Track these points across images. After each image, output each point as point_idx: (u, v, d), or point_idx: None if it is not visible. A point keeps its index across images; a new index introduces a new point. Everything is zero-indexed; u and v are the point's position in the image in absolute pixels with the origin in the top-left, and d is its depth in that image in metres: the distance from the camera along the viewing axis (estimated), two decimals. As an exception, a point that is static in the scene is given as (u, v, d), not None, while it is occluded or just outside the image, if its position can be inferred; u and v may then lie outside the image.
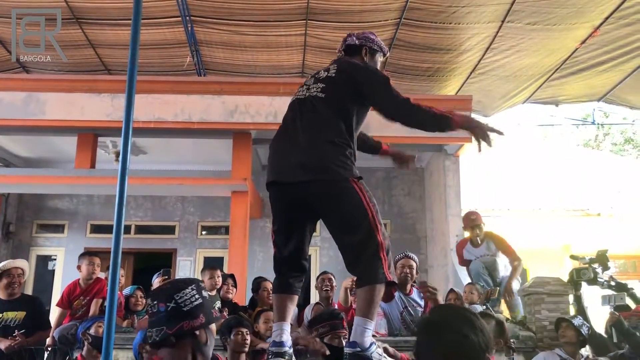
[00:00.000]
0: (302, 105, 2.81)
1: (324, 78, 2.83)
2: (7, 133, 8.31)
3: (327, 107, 2.72)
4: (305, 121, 2.73)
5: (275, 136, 2.88)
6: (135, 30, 2.97)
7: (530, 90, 9.94)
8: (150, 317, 1.91)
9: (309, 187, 2.64)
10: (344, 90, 2.77)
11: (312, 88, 2.82)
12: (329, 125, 2.68)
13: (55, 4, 7.77)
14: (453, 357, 1.55)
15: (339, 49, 3.10)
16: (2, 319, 4.59)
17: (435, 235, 9.35)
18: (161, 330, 1.84)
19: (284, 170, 2.71)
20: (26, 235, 10.15)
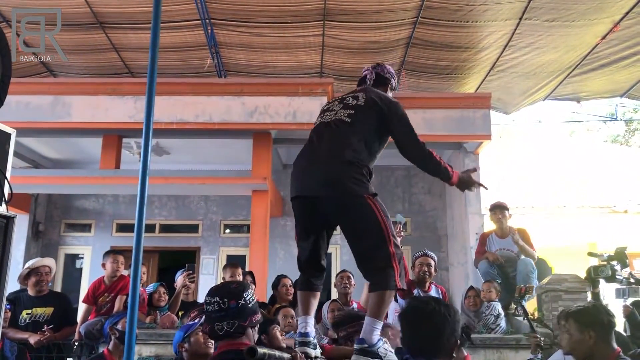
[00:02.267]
0: (327, 127, 3.03)
1: (352, 105, 3.04)
2: (35, 135, 8.56)
3: (352, 132, 2.95)
4: (329, 142, 2.96)
5: (299, 155, 3.10)
6: (155, 33, 3.10)
7: (551, 87, 9.86)
8: (217, 312, 2.26)
9: (328, 201, 2.88)
10: (371, 120, 3.00)
11: (340, 113, 3.04)
12: (350, 148, 2.89)
13: (79, 9, 8.00)
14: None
15: (369, 78, 3.33)
16: (31, 314, 4.77)
17: (456, 233, 9.35)
18: (234, 324, 2.24)
19: (306, 186, 2.95)
20: (55, 235, 10.44)
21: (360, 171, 2.86)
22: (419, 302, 2.33)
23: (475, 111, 8.39)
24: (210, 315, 2.30)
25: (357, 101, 3.05)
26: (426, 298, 2.35)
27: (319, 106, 7.85)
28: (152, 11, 3.12)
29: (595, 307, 2.99)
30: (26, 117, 7.72)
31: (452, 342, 2.20)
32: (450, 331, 2.20)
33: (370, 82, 3.32)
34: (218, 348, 2.33)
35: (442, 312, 2.20)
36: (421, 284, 4.95)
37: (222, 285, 2.50)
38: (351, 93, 3.18)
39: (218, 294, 2.32)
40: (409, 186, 10.22)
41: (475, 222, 8.47)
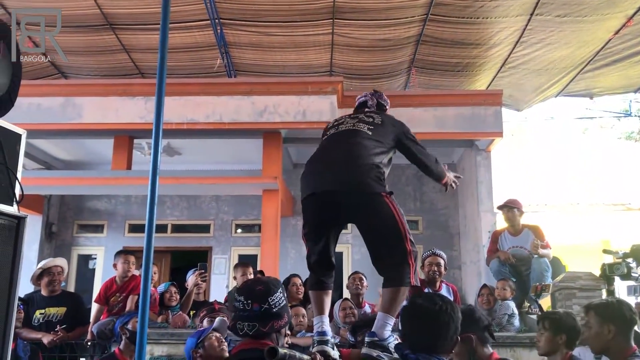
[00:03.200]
0: (345, 134, 3.18)
1: (370, 122, 3.22)
2: (46, 137, 8.61)
3: (373, 142, 3.09)
4: (347, 145, 3.08)
5: (312, 159, 3.19)
6: (164, 34, 3.10)
7: (563, 83, 9.77)
8: (241, 312, 2.26)
9: (346, 197, 2.94)
10: (390, 135, 3.20)
11: (357, 125, 3.20)
12: (370, 153, 3.02)
13: (89, 10, 8.04)
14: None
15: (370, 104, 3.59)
16: (45, 314, 4.80)
17: (468, 232, 9.29)
18: (254, 326, 2.24)
19: (325, 182, 3.01)
20: (68, 235, 10.50)
21: (378, 172, 2.96)
22: (422, 299, 2.32)
23: (486, 108, 8.33)
24: (236, 312, 2.32)
25: (373, 119, 3.23)
26: (430, 295, 2.37)
27: (329, 105, 7.88)
28: (161, 12, 3.12)
29: (619, 302, 3.04)
30: (37, 118, 7.78)
31: (454, 339, 2.23)
32: (453, 329, 2.22)
33: (372, 107, 3.54)
34: (240, 345, 2.33)
35: (444, 309, 2.21)
36: (431, 284, 4.92)
37: (250, 284, 2.45)
38: (361, 113, 3.36)
39: (244, 293, 2.32)
40: (420, 184, 10.16)
41: (488, 220, 8.41)
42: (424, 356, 2.15)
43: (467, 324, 2.72)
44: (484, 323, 2.89)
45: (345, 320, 4.75)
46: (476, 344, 2.82)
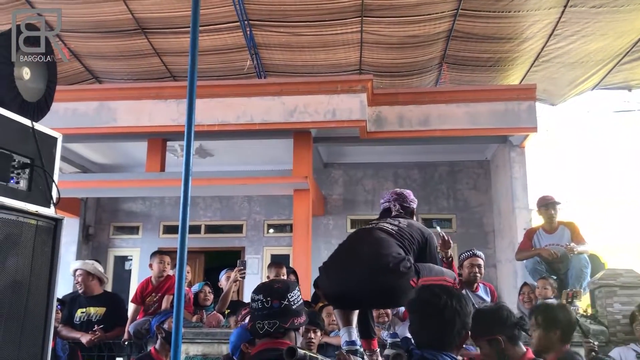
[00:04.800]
0: (368, 231, 3.13)
1: (395, 224, 3.13)
2: (82, 141, 8.80)
3: (394, 239, 2.98)
4: (371, 245, 2.96)
5: (336, 252, 3.12)
6: (195, 37, 3.12)
7: (600, 76, 9.51)
8: (260, 311, 2.25)
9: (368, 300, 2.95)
10: (414, 242, 3.06)
11: (381, 224, 3.13)
12: (393, 247, 2.91)
13: (121, 16, 8.18)
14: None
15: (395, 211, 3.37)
16: (85, 313, 4.91)
17: (503, 229, 9.14)
18: (275, 324, 2.22)
19: (346, 284, 2.91)
20: (104, 237, 10.72)
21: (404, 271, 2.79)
22: (427, 293, 2.23)
23: (520, 103, 8.18)
24: (254, 312, 2.30)
25: (399, 222, 3.14)
26: (437, 289, 2.24)
27: (359, 103, 7.85)
28: (191, 15, 3.14)
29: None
30: (73, 123, 7.95)
31: (463, 335, 2.15)
32: (460, 324, 2.13)
33: (396, 213, 3.36)
34: (258, 346, 2.30)
35: (452, 305, 2.13)
36: (470, 284, 4.81)
37: (267, 283, 2.47)
38: (388, 219, 3.24)
39: (262, 292, 2.31)
40: (453, 182, 10.04)
41: (523, 217, 8.27)
42: (429, 352, 2.09)
43: (494, 324, 2.68)
44: (512, 320, 2.75)
45: (379, 320, 4.71)
46: (505, 344, 2.69)
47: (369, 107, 8.10)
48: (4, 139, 2.30)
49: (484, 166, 10.05)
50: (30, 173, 2.43)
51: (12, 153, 2.34)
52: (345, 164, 10.24)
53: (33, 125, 2.47)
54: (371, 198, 10.03)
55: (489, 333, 2.66)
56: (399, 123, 8.30)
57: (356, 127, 7.94)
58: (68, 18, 8.22)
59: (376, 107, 8.33)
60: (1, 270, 2.20)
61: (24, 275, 2.33)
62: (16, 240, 2.29)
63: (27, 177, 2.42)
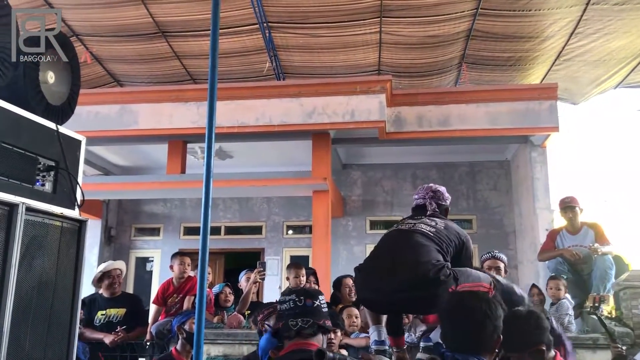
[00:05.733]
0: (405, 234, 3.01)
1: (432, 225, 3.04)
2: (104, 144, 8.91)
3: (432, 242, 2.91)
4: (408, 246, 2.89)
5: (372, 255, 3.05)
6: (215, 40, 3.14)
7: (622, 74, 9.37)
8: (292, 310, 2.29)
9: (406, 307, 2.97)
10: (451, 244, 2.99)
11: (418, 225, 3.03)
12: (431, 252, 2.84)
13: (142, 19, 8.28)
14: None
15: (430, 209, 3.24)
16: (106, 315, 4.96)
17: (524, 230, 9.04)
18: (308, 321, 2.25)
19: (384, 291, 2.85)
20: (126, 239, 10.83)
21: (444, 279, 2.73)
22: (458, 298, 2.27)
23: (541, 103, 8.09)
24: (284, 313, 2.34)
25: (436, 223, 3.06)
26: (467, 295, 2.29)
27: (378, 104, 7.83)
28: (211, 18, 3.16)
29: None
30: (95, 126, 8.06)
31: (495, 338, 2.15)
32: (492, 328, 2.13)
33: (432, 212, 3.24)
34: (287, 347, 2.31)
35: (483, 308, 2.14)
36: (491, 287, 4.75)
37: (298, 288, 2.58)
38: (423, 217, 3.16)
39: (294, 292, 2.38)
40: (473, 182, 9.96)
41: (545, 218, 8.17)
42: (462, 356, 2.09)
43: (535, 335, 2.53)
44: (546, 325, 2.63)
45: None
46: (547, 352, 2.55)
47: (388, 107, 8.08)
48: (29, 142, 2.35)
49: (504, 166, 9.96)
50: (55, 175, 2.47)
51: (38, 156, 2.39)
52: (364, 164, 10.22)
53: (58, 129, 2.51)
54: (390, 199, 10.00)
55: (531, 345, 2.51)
56: (419, 123, 8.27)
57: (375, 127, 7.93)
58: (89, 22, 8.36)
59: (395, 107, 8.31)
60: (28, 271, 2.24)
61: (49, 276, 2.37)
62: (42, 242, 2.33)
63: (52, 179, 2.46)
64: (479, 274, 2.94)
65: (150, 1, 7.94)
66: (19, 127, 2.31)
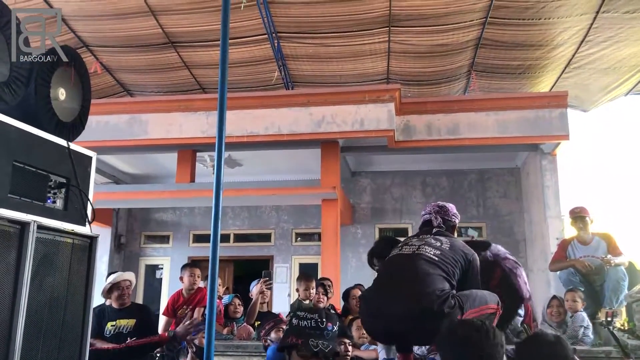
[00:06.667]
0: (408, 260, 2.90)
1: (437, 246, 2.94)
2: (114, 153, 8.97)
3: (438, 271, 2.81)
4: (412, 275, 2.80)
5: (377, 284, 2.94)
6: (224, 50, 3.15)
7: (633, 82, 9.31)
8: (314, 330, 2.39)
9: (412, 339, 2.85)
10: (456, 267, 2.89)
11: (422, 248, 2.91)
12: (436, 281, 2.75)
13: (152, 30, 8.34)
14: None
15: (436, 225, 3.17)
16: (115, 326, 4.96)
17: (535, 238, 8.98)
18: (328, 346, 2.38)
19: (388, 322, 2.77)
20: (136, 246, 10.88)
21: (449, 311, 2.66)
22: (459, 327, 2.21)
23: (551, 111, 8.05)
24: (303, 329, 2.40)
25: (441, 244, 2.95)
26: (468, 322, 2.22)
27: (387, 113, 7.83)
28: (221, 29, 3.17)
29: None
30: (106, 135, 8.13)
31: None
32: (490, 356, 2.10)
33: (438, 228, 3.17)
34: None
35: (482, 338, 2.11)
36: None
37: (317, 307, 2.60)
38: (428, 234, 3.07)
39: (317, 312, 2.45)
40: (483, 190, 9.92)
41: (555, 227, 8.11)
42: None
43: None
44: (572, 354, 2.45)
45: None
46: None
47: (397, 116, 8.07)
48: (40, 160, 2.36)
49: (514, 174, 9.92)
50: (66, 192, 2.48)
51: (49, 173, 2.40)
52: (373, 172, 10.21)
53: (69, 146, 2.52)
54: (399, 206, 9.98)
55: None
56: (428, 132, 8.25)
57: (384, 136, 7.92)
58: (100, 33, 8.43)
59: (404, 116, 8.30)
60: (39, 288, 2.24)
61: (60, 293, 2.38)
62: (53, 260, 2.34)
63: (63, 196, 2.47)
64: (484, 295, 2.85)
65: (160, 12, 8.00)
66: (30, 145, 2.32)
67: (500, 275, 3.14)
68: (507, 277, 3.15)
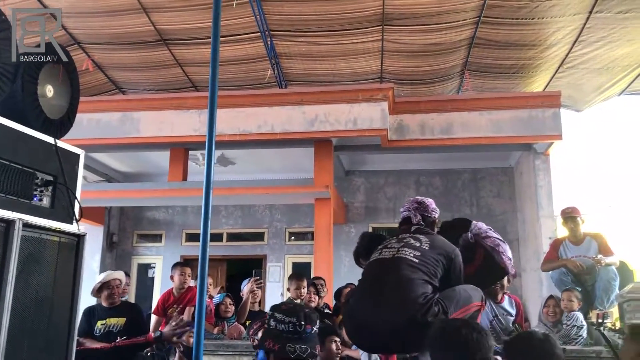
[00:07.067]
0: (387, 266, 2.84)
1: (417, 247, 2.87)
2: (106, 151, 8.92)
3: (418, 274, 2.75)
4: (394, 281, 2.74)
5: (359, 294, 2.90)
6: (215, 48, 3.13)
7: (626, 82, 9.34)
8: (292, 333, 2.26)
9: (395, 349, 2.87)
10: (436, 264, 2.82)
11: (402, 251, 2.85)
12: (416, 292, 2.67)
13: (144, 28, 8.29)
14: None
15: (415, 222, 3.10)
16: (105, 324, 4.93)
17: (527, 238, 9.00)
18: (307, 350, 2.24)
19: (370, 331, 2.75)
20: (128, 245, 10.83)
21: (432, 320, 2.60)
22: (448, 327, 2.19)
23: (544, 110, 8.06)
24: (280, 333, 2.27)
25: (421, 243, 2.88)
26: (458, 322, 2.21)
27: (380, 112, 7.81)
28: (212, 26, 3.15)
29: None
30: (97, 133, 8.08)
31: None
32: (481, 356, 2.09)
33: (417, 225, 3.11)
34: None
35: (474, 337, 2.10)
36: (493, 296, 4.73)
37: (296, 306, 2.42)
38: (407, 233, 3.00)
39: (295, 315, 2.30)
40: (477, 189, 9.93)
41: (548, 226, 8.13)
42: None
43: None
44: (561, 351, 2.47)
45: None
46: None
47: (390, 115, 8.07)
48: (27, 158, 2.32)
49: (508, 173, 9.93)
50: (53, 190, 2.44)
51: (36, 171, 2.36)
52: (366, 171, 10.20)
53: (56, 143, 2.49)
54: (393, 206, 9.97)
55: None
56: (421, 131, 8.25)
57: (377, 135, 7.91)
58: (92, 30, 8.37)
59: (397, 115, 8.29)
60: (25, 287, 2.21)
61: (46, 292, 2.34)
62: (39, 258, 2.30)
63: (50, 194, 2.43)
64: (468, 292, 2.80)
65: (152, 9, 7.96)
66: (17, 142, 2.29)
67: (483, 255, 3.10)
68: (490, 256, 3.10)
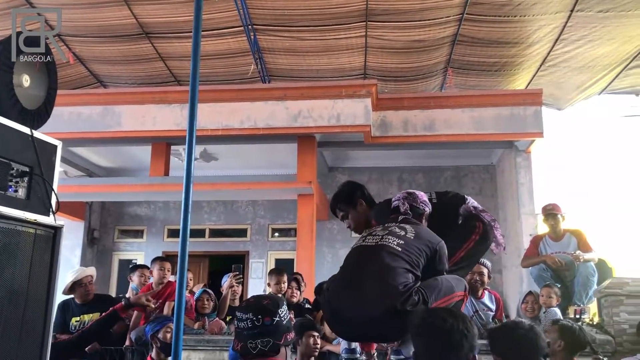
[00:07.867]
0: (370, 252, 2.80)
1: (401, 235, 2.83)
2: (86, 145, 8.81)
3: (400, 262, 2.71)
4: (375, 269, 2.70)
5: (339, 281, 2.85)
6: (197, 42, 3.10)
7: (607, 81, 9.45)
8: (250, 330, 2.15)
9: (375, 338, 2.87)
10: (421, 256, 2.78)
11: (385, 239, 2.81)
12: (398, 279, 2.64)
13: (126, 20, 8.19)
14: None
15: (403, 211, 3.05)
16: (80, 321, 4.87)
17: (509, 235, 9.06)
18: (269, 342, 2.14)
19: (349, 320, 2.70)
20: (109, 241, 10.72)
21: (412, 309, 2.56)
22: (434, 316, 2.14)
23: (526, 108, 8.14)
24: (241, 332, 2.19)
25: (406, 232, 2.84)
26: (443, 312, 2.17)
27: (363, 108, 7.82)
28: (193, 19, 3.12)
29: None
30: (78, 127, 7.97)
31: (470, 358, 2.07)
32: (468, 347, 2.05)
33: (405, 214, 3.07)
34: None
35: (456, 327, 2.06)
36: (474, 292, 4.76)
37: (254, 301, 2.32)
38: (394, 223, 2.96)
39: (251, 310, 2.21)
40: (459, 187, 9.98)
41: (529, 223, 8.21)
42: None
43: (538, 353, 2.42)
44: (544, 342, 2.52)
45: None
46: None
47: (373, 112, 8.07)
48: (2, 148, 2.28)
49: (490, 171, 10.00)
50: (29, 181, 2.40)
51: (11, 161, 2.32)
52: (350, 167, 10.21)
53: (32, 133, 2.45)
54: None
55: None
56: (404, 128, 8.27)
57: (360, 132, 7.91)
58: (72, 23, 8.25)
59: (381, 112, 8.30)
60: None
61: (21, 285, 2.30)
62: (14, 250, 2.26)
63: (26, 185, 2.39)
64: (450, 282, 2.77)
65: (134, 2, 7.86)
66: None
67: (482, 228, 3.12)
68: (487, 231, 3.13)
